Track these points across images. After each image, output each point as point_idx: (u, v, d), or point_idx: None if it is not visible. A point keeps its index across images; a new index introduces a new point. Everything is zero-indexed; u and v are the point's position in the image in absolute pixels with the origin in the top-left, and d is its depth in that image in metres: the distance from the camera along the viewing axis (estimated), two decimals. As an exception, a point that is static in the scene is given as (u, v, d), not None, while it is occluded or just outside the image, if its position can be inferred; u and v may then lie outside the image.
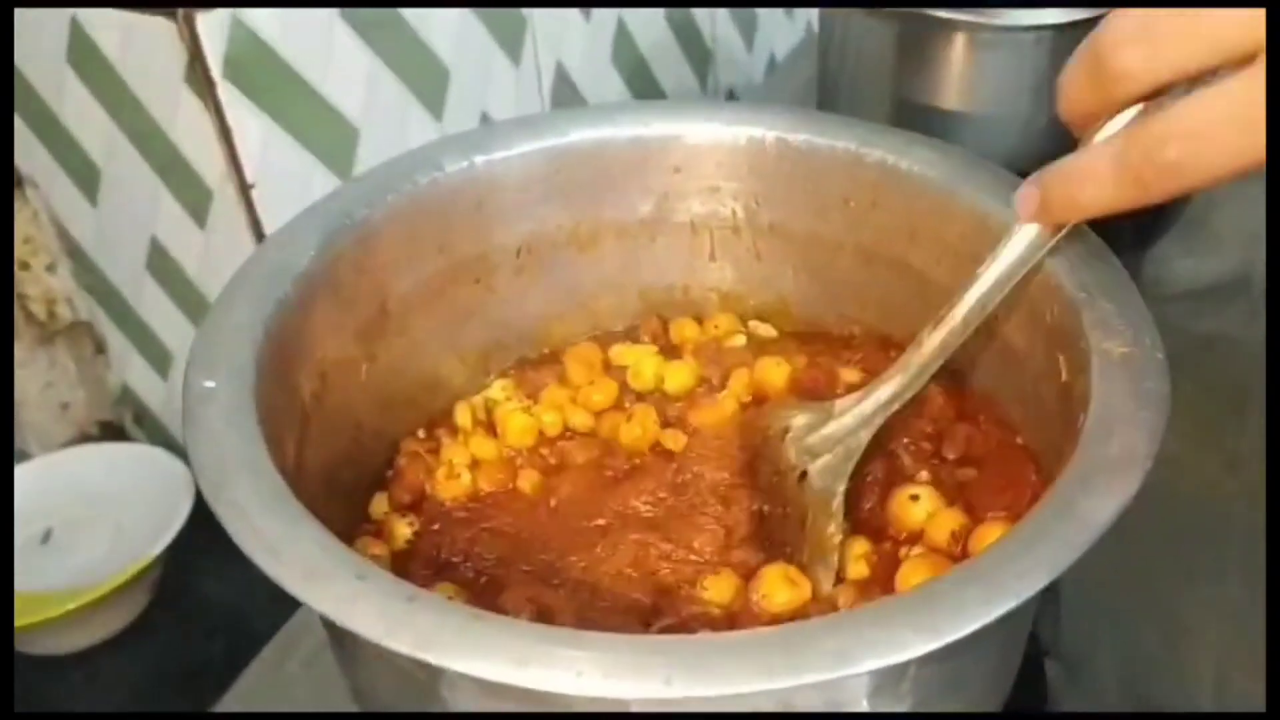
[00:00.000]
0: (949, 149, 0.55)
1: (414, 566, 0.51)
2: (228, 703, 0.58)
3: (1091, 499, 0.38)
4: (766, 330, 0.62)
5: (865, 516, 0.51)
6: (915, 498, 0.50)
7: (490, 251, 0.58)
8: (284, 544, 0.37)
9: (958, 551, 0.48)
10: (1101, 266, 0.47)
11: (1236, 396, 0.71)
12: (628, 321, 0.63)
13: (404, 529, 0.52)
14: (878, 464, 0.52)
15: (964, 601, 0.35)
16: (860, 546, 0.49)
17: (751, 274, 0.62)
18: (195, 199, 0.71)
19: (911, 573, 0.47)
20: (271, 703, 0.57)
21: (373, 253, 0.53)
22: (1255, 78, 0.35)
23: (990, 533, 0.47)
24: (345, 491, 0.53)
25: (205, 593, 0.78)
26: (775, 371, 0.57)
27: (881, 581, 0.48)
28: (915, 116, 0.51)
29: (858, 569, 0.48)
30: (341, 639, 0.44)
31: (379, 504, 0.55)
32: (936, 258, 0.55)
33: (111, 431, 0.90)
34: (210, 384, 0.43)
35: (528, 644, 0.34)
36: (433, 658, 0.34)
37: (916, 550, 0.48)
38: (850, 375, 0.57)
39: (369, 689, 0.45)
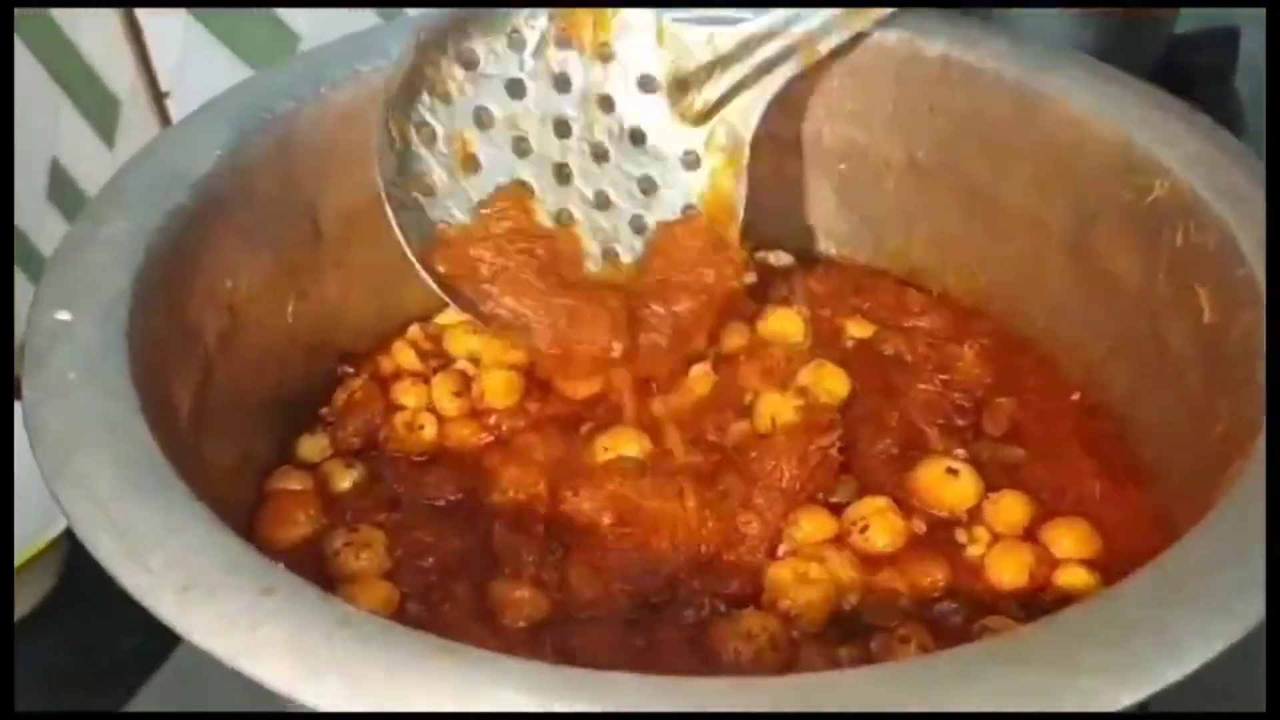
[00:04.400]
0: (1026, 41, 0.45)
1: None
2: (144, 699, 0.49)
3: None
4: (780, 258, 0.52)
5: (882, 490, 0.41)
6: (954, 472, 0.41)
7: (451, 164, 0.47)
8: (152, 540, 0.26)
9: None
10: (1247, 171, 0.37)
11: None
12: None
13: (345, 481, 0.42)
14: (891, 437, 0.43)
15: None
16: (879, 501, 0.40)
17: (771, 196, 0.50)
18: (101, 111, 0.61)
19: (1001, 564, 0.38)
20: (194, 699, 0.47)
21: (300, 158, 0.43)
22: None
23: (1067, 533, 0.39)
24: (257, 430, 0.43)
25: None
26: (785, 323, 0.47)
27: (949, 553, 0.39)
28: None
29: (882, 528, 0.39)
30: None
31: (311, 446, 0.44)
32: (1010, 174, 0.45)
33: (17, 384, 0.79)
34: (64, 316, 0.32)
35: (525, 695, 0.23)
36: None
37: (978, 530, 0.40)
38: (858, 329, 0.48)
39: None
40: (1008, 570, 0.38)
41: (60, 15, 0.58)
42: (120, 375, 0.31)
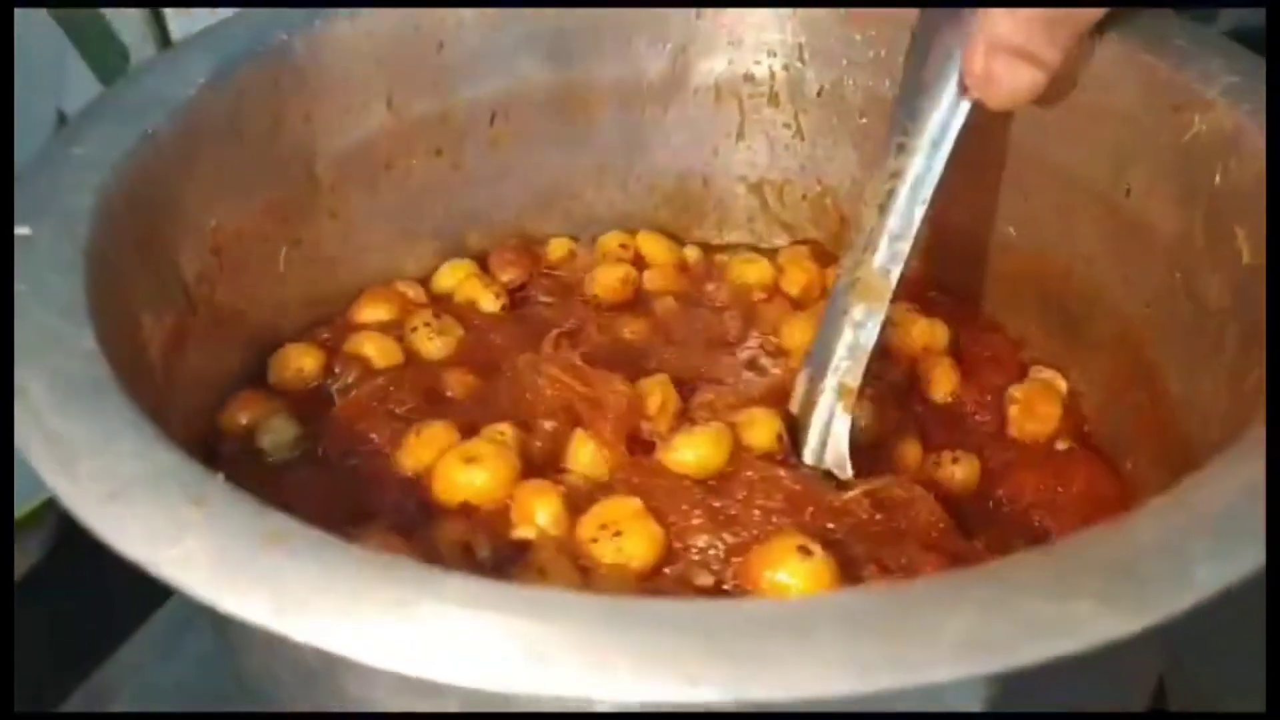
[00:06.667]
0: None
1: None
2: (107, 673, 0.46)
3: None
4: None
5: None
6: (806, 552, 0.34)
7: (454, 112, 0.45)
8: (85, 449, 0.24)
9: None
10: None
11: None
12: (627, 217, 0.50)
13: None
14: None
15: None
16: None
17: (791, 158, 0.48)
18: (109, 62, 0.58)
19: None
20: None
21: (295, 95, 0.41)
22: None
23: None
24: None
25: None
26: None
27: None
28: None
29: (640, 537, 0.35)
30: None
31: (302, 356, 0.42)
32: (1040, 123, 0.41)
33: None
34: (24, 231, 0.30)
35: (464, 613, 0.21)
36: (302, 633, 0.21)
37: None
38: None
39: (250, 675, 0.32)
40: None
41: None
42: (72, 292, 0.29)
